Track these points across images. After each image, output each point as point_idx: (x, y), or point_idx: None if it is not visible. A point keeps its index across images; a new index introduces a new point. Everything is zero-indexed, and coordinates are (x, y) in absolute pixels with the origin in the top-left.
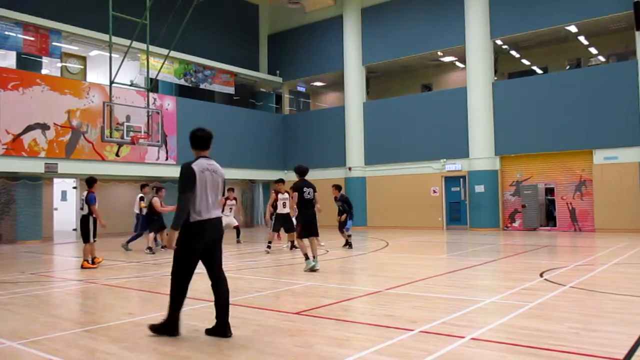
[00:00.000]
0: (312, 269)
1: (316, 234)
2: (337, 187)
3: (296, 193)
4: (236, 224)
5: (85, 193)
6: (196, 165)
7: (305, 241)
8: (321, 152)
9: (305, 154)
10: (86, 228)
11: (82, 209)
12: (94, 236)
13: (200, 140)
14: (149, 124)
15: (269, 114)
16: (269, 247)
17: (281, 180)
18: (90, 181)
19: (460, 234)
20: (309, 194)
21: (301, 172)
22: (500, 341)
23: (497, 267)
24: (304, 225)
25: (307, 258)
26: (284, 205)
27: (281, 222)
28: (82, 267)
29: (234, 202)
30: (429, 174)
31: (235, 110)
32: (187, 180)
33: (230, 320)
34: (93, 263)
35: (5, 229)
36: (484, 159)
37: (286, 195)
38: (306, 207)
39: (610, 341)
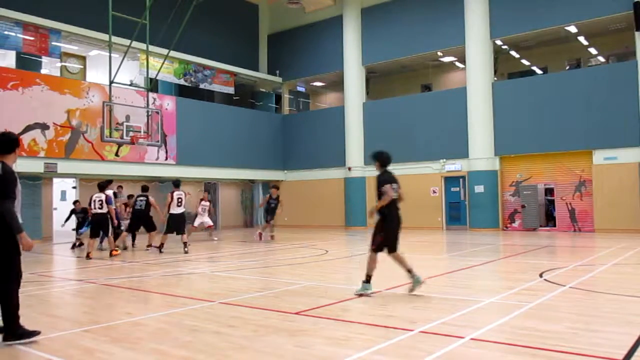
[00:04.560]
0: (365, 293)
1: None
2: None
3: (388, 186)
4: (210, 224)
5: (102, 195)
6: None
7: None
8: (321, 152)
9: (305, 154)
10: (107, 224)
11: (100, 208)
12: (112, 230)
13: None
14: (149, 123)
15: (269, 114)
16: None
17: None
18: (102, 185)
19: (460, 234)
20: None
21: (384, 160)
22: (499, 341)
23: (497, 267)
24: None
25: (368, 281)
26: (180, 203)
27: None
28: (112, 255)
29: (207, 203)
30: (428, 174)
31: (235, 110)
32: None
33: (230, 319)
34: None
35: None
36: (484, 159)
37: (182, 192)
38: (392, 212)
39: (610, 341)
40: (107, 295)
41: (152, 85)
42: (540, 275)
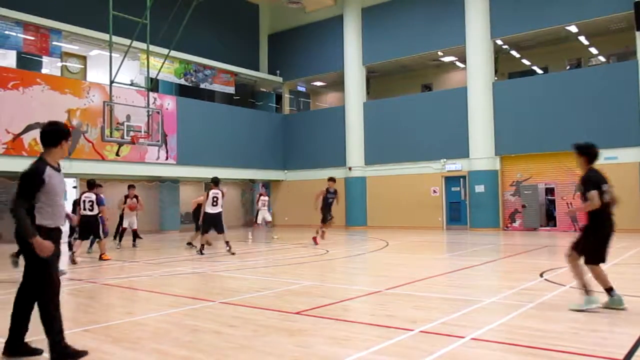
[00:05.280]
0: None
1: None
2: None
3: (594, 192)
4: (270, 219)
5: (92, 195)
6: None
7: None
8: (321, 152)
9: (305, 154)
10: (98, 227)
11: (91, 209)
12: (104, 232)
13: None
14: (149, 123)
15: (269, 114)
16: (201, 251)
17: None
18: (93, 184)
19: (460, 234)
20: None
21: (592, 155)
22: (500, 341)
23: (497, 267)
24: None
25: (587, 291)
26: (215, 202)
27: (210, 222)
28: (101, 258)
29: (266, 198)
30: (429, 173)
31: (236, 110)
32: None
33: (230, 319)
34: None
35: (5, 229)
36: (484, 158)
37: (219, 191)
38: (604, 216)
39: (610, 341)
40: (107, 294)
41: (153, 85)
42: (541, 275)
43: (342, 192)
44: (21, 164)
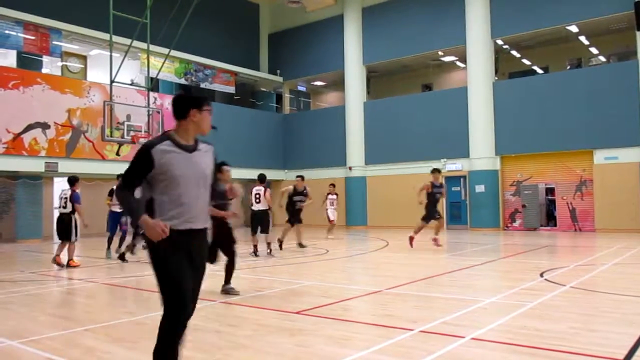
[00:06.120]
0: None
1: None
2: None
3: None
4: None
5: (68, 192)
6: None
7: None
8: (321, 151)
9: (305, 154)
10: (70, 226)
11: (64, 207)
12: (76, 235)
13: None
14: (150, 123)
15: (270, 114)
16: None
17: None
18: (72, 180)
19: (461, 234)
20: None
21: None
22: (500, 341)
23: (497, 267)
24: None
25: None
26: (258, 199)
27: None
28: (69, 265)
29: (335, 196)
30: (429, 173)
31: (236, 110)
32: None
33: (231, 319)
34: (68, 264)
35: (5, 228)
36: (485, 158)
37: (261, 188)
38: None
39: (611, 341)
40: (108, 294)
41: (153, 84)
42: (541, 275)
43: (342, 192)
44: (21, 164)
